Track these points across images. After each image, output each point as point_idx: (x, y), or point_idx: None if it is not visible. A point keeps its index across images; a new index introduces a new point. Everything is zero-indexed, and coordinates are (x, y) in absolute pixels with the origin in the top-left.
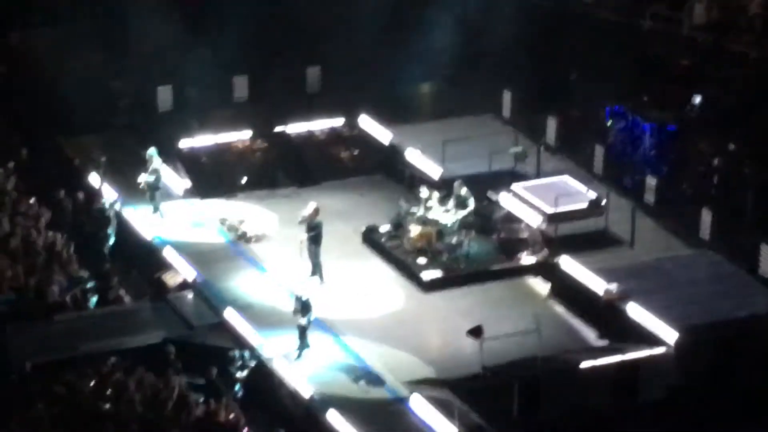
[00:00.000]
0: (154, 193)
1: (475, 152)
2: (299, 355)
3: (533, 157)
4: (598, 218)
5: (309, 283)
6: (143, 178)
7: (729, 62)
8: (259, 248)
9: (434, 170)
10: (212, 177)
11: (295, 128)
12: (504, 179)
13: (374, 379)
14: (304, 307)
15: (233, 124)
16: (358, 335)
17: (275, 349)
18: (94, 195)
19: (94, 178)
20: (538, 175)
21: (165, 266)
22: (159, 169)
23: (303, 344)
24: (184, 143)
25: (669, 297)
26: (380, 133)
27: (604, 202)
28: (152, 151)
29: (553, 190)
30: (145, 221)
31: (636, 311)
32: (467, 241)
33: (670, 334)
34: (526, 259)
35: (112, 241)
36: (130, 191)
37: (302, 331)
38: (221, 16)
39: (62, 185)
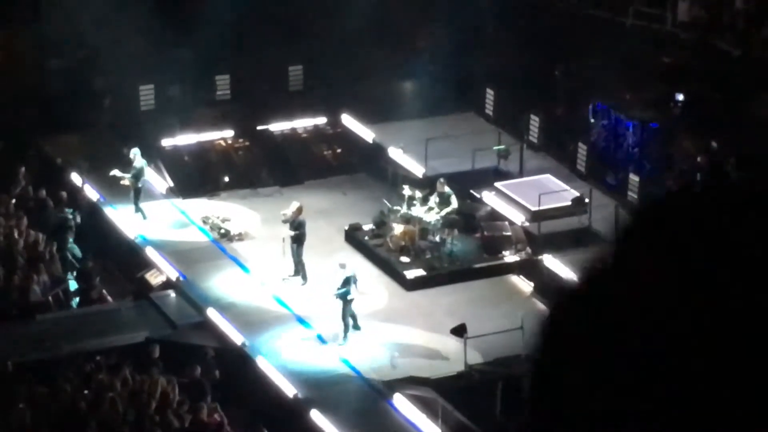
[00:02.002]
0: (136, 192)
1: (458, 150)
2: (346, 334)
3: (516, 154)
4: (582, 216)
5: (291, 282)
6: (118, 173)
7: (712, 60)
8: (242, 247)
9: (417, 168)
10: (194, 176)
11: (277, 127)
12: (487, 177)
13: (357, 378)
14: (345, 281)
15: (215, 122)
16: (341, 334)
17: (258, 347)
18: (76, 194)
19: (75, 178)
20: (521, 173)
21: (147, 265)
22: (141, 168)
23: (347, 321)
24: (166, 142)
25: None
26: (363, 131)
27: (587, 200)
28: (135, 150)
29: (536, 188)
30: (127, 221)
31: None
32: (450, 239)
33: None
34: (510, 257)
35: (76, 250)
36: (112, 190)
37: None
38: (203, 15)
39: (44, 184)
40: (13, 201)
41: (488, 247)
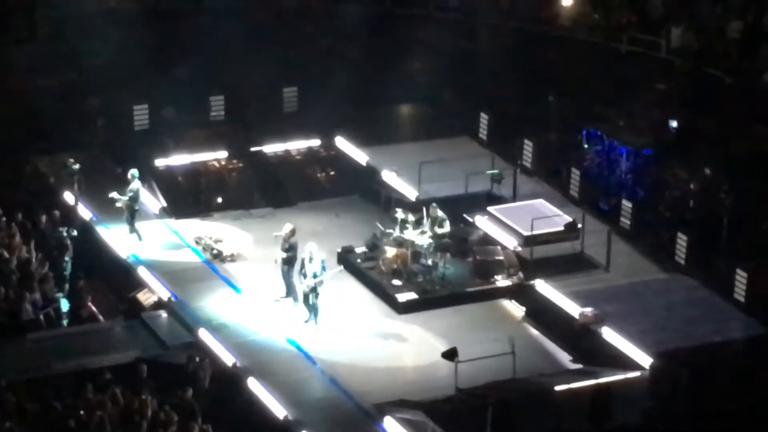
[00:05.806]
0: (132, 214)
1: (451, 174)
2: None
3: (509, 179)
4: (574, 241)
5: (283, 304)
6: (116, 195)
7: (705, 87)
8: (234, 268)
9: (410, 192)
10: (188, 196)
11: (271, 148)
12: (480, 201)
13: (348, 401)
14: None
15: (209, 143)
16: (333, 356)
17: (249, 368)
18: (70, 213)
19: (68, 197)
20: (514, 198)
21: (139, 285)
22: (138, 189)
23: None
24: (160, 162)
25: (644, 321)
26: (357, 154)
27: (579, 225)
28: (134, 172)
29: (529, 213)
30: (120, 240)
31: (611, 335)
32: (443, 262)
33: (644, 359)
34: (502, 281)
35: (69, 268)
36: (105, 209)
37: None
38: (198, 36)
39: (37, 203)
40: (5, 218)
41: (480, 271)
